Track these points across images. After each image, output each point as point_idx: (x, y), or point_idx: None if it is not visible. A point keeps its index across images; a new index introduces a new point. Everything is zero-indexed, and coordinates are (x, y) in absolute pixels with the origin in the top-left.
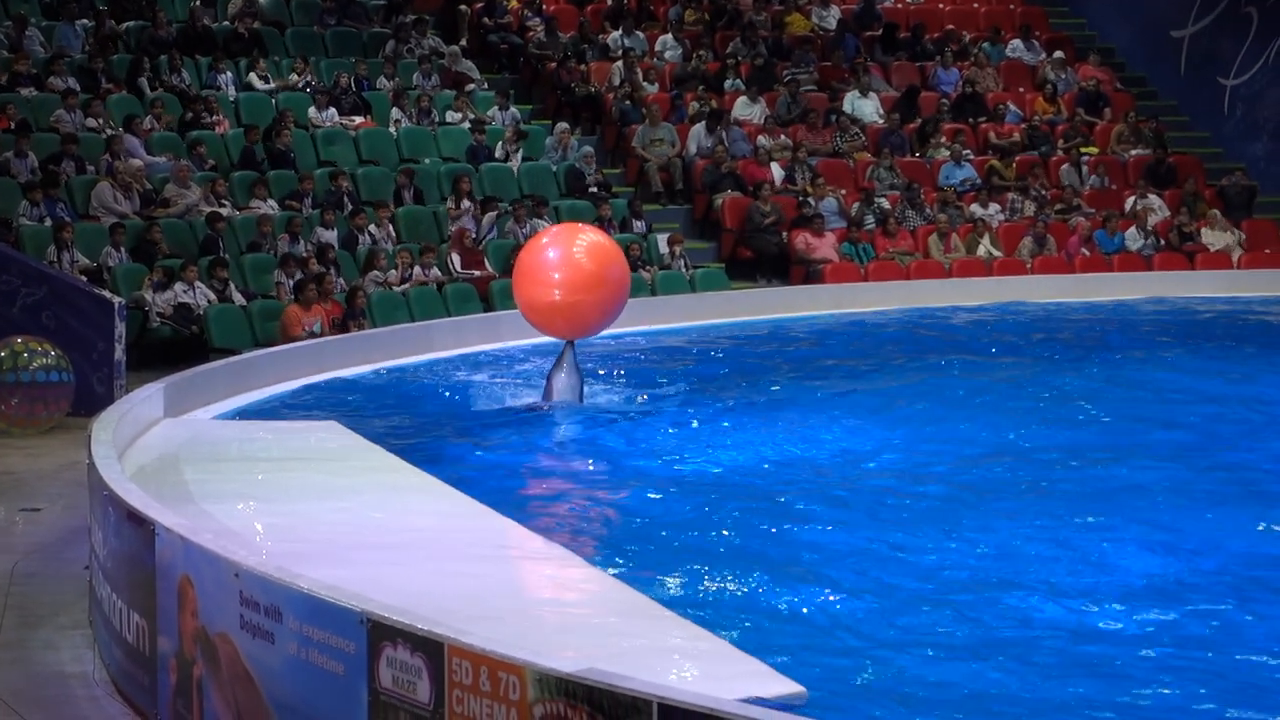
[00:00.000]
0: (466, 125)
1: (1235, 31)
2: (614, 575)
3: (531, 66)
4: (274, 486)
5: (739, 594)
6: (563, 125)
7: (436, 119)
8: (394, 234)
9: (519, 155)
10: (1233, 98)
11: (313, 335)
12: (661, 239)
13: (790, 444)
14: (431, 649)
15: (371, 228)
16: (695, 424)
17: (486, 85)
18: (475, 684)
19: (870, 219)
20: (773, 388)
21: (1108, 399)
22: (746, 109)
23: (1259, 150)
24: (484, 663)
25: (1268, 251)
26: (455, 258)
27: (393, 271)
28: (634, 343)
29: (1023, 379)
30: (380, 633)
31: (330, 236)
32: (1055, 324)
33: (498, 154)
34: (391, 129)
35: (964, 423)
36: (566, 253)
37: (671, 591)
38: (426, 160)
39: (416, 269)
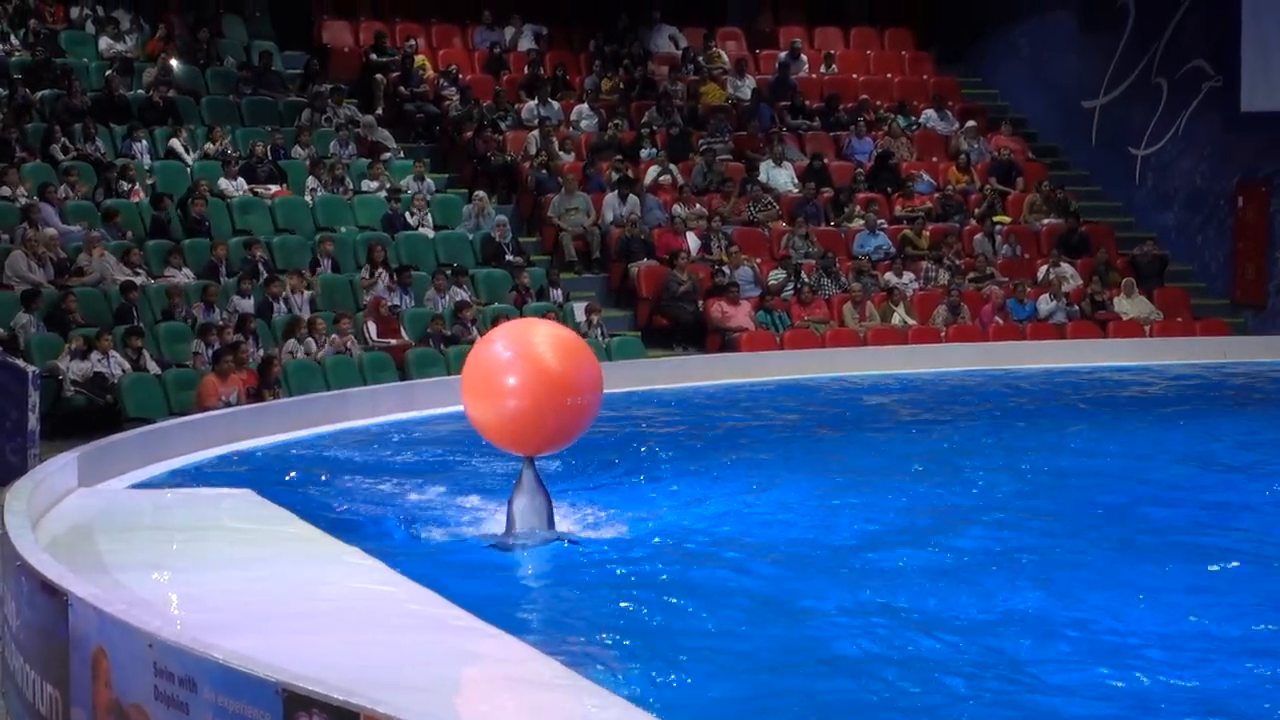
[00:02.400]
0: (383, 194)
1: (1146, 102)
2: (533, 644)
3: (448, 135)
4: (189, 556)
5: (655, 663)
6: (479, 194)
7: (352, 187)
8: (310, 302)
9: (431, 222)
10: (1144, 168)
11: (228, 405)
12: (578, 307)
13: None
14: (347, 719)
15: (287, 296)
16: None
17: (403, 154)
18: None
19: (786, 288)
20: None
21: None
22: (662, 178)
23: (1170, 220)
24: None
25: (1179, 320)
26: (371, 326)
27: (309, 340)
28: None
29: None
30: (295, 703)
31: (246, 305)
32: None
33: (413, 222)
34: (307, 197)
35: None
36: (539, 350)
37: (591, 662)
38: (342, 228)
39: (333, 337)
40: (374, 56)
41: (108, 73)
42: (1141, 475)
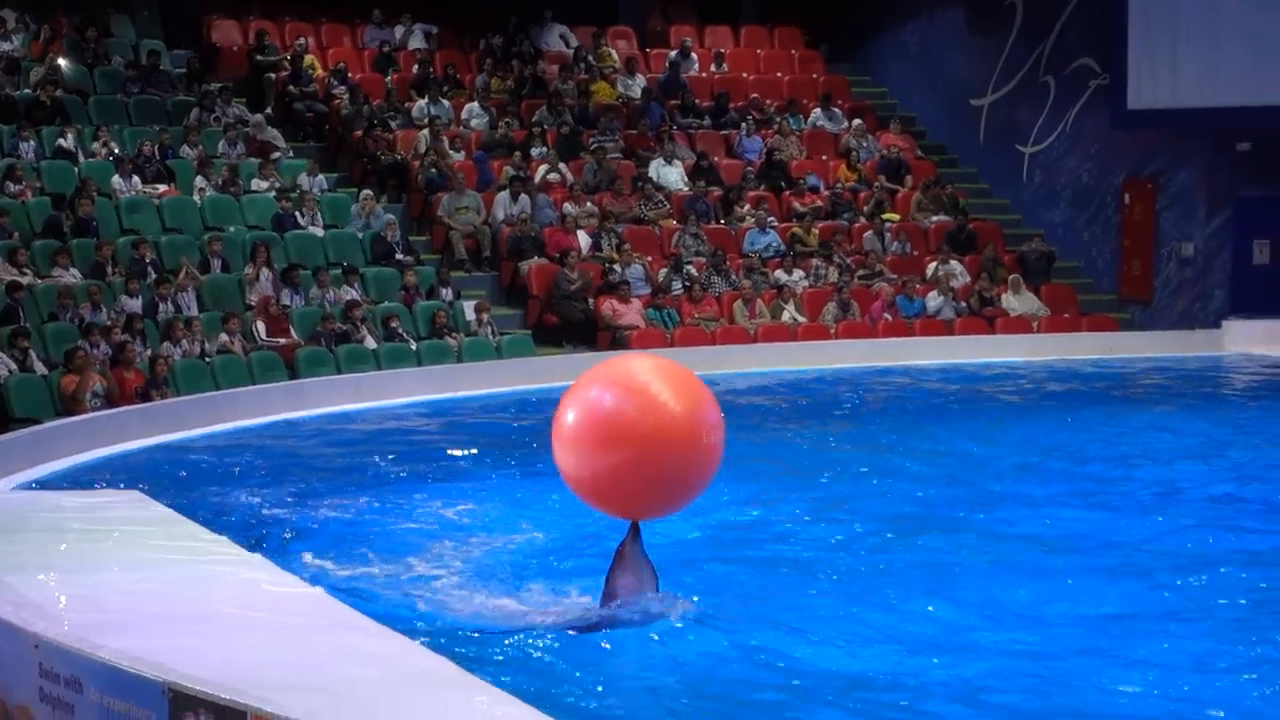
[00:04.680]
0: (272, 193)
1: (1033, 100)
2: (424, 644)
3: (337, 134)
4: (76, 557)
5: (550, 659)
6: (366, 192)
7: (241, 187)
8: (198, 301)
9: (321, 221)
10: (1031, 165)
11: (96, 396)
12: (468, 306)
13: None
14: (234, 719)
15: (175, 295)
16: (506, 493)
17: (292, 153)
18: None
19: (676, 285)
20: None
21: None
22: (552, 176)
23: (1057, 216)
24: None
25: (1066, 316)
26: (260, 325)
27: (185, 341)
28: (446, 409)
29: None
30: (182, 703)
31: (134, 305)
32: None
33: (303, 221)
34: (196, 197)
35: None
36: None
37: (483, 659)
38: (231, 228)
39: (221, 337)
40: (262, 56)
41: None
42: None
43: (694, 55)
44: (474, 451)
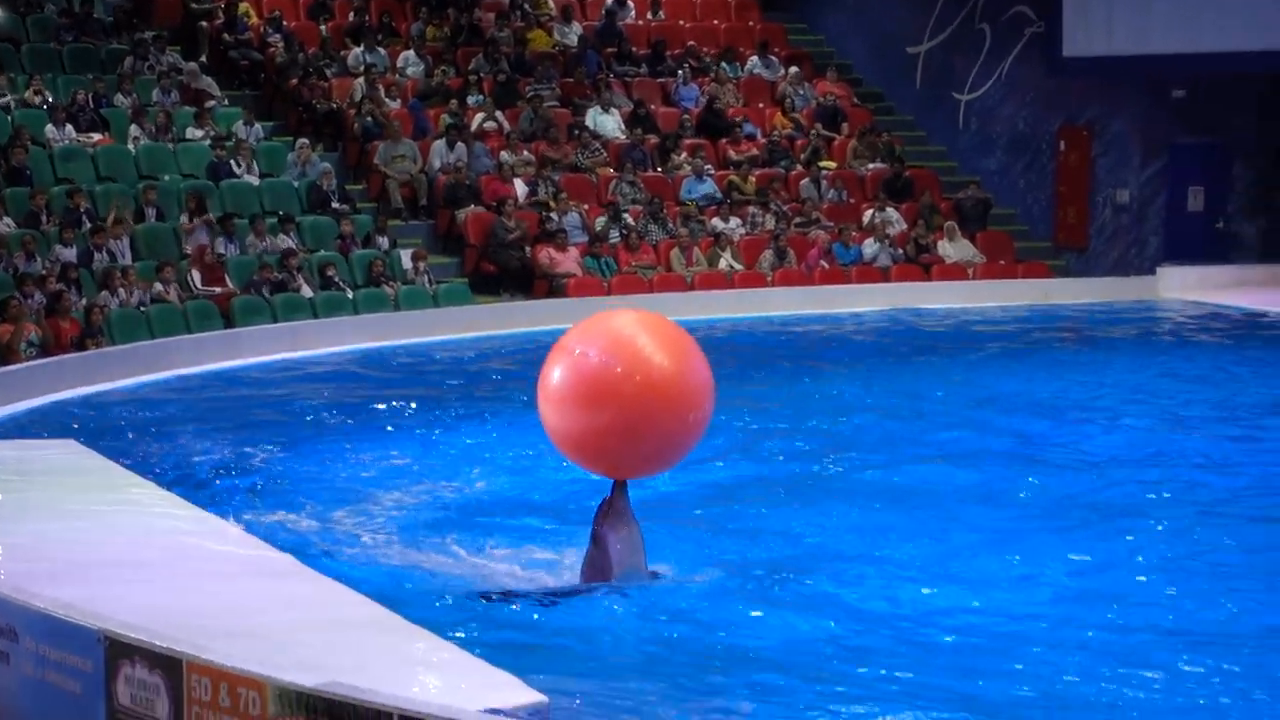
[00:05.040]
0: (207, 142)
1: (969, 48)
2: (358, 589)
3: (272, 83)
4: (12, 506)
5: (483, 606)
6: (302, 141)
7: (176, 135)
8: (133, 250)
9: (256, 170)
10: (967, 113)
11: (31, 345)
12: (405, 254)
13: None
14: (170, 666)
15: (110, 245)
16: (441, 441)
17: (227, 102)
18: (215, 700)
19: (613, 233)
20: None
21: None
22: (489, 124)
23: (993, 164)
24: (224, 679)
25: (1002, 263)
26: (196, 274)
27: (123, 291)
28: (382, 357)
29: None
30: (118, 651)
31: (69, 254)
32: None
33: (238, 170)
34: (130, 146)
35: None
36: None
37: (417, 605)
38: (166, 177)
39: (156, 286)
40: (196, 3)
41: None
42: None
43: (630, 3)
44: (412, 402)
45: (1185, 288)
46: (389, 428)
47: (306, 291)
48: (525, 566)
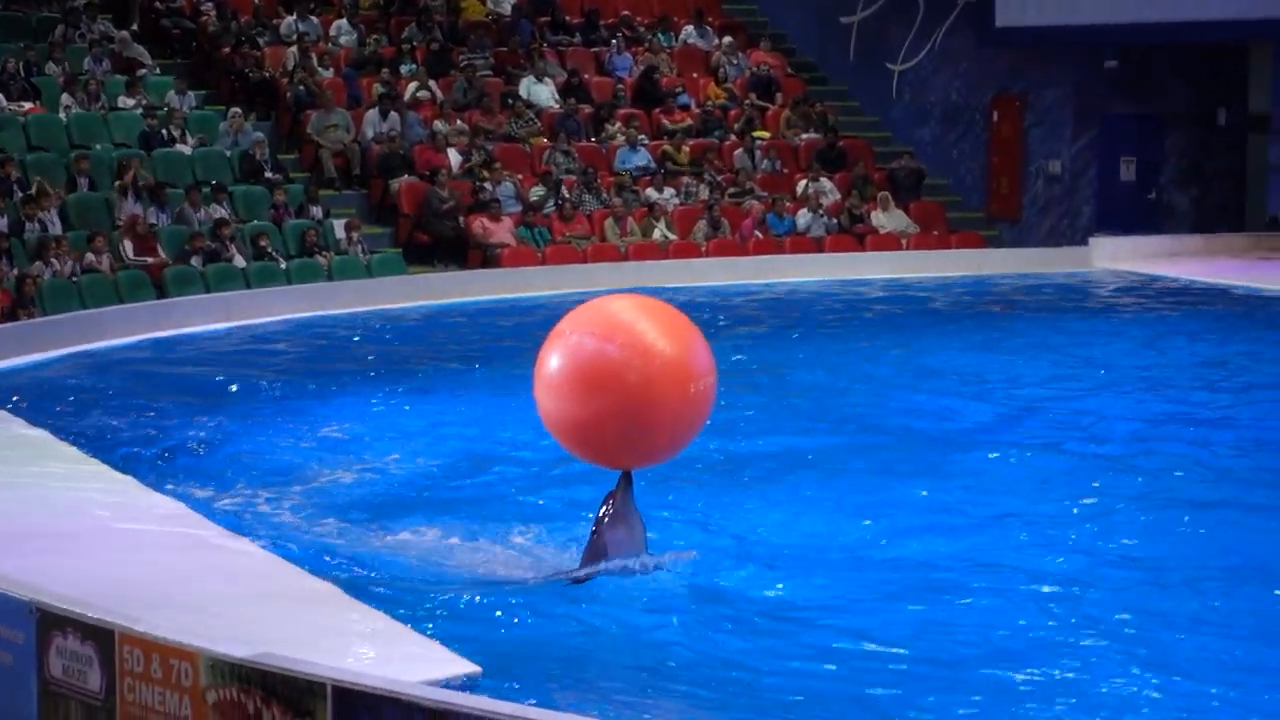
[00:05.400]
0: (139, 111)
1: (902, 18)
2: (292, 561)
3: (205, 51)
4: None
5: (416, 577)
6: (235, 110)
7: (108, 104)
8: (64, 220)
9: (189, 139)
10: (900, 83)
11: None
12: (338, 224)
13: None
14: (102, 638)
15: (40, 215)
16: (379, 413)
17: (159, 70)
18: (147, 671)
19: (547, 203)
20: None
21: None
22: (422, 94)
23: (926, 135)
24: (156, 650)
25: (935, 233)
26: (128, 244)
27: (55, 261)
28: (316, 327)
29: None
30: (50, 622)
31: (0, 224)
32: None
33: (170, 139)
34: (62, 115)
35: None
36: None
37: (351, 576)
38: (98, 146)
39: (88, 256)
40: None
41: None
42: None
43: None
44: (347, 373)
45: (1117, 258)
46: (325, 399)
47: (239, 261)
48: (465, 538)
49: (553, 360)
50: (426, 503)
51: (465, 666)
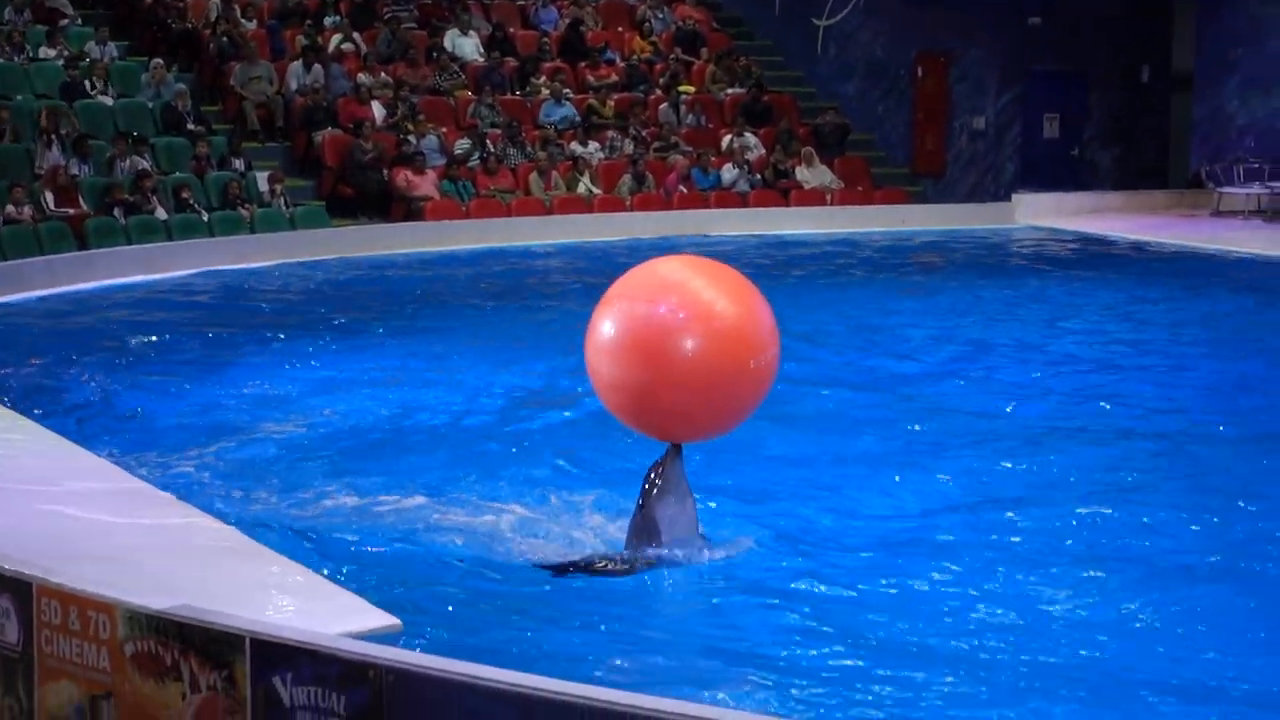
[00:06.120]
0: (60, 61)
1: None
2: (214, 515)
3: (127, 2)
4: None
5: (337, 530)
6: (157, 61)
7: (29, 55)
8: None
9: (111, 90)
10: (826, 38)
11: None
12: (261, 177)
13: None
14: (19, 590)
15: None
16: (301, 367)
17: (80, 21)
18: (64, 624)
19: (472, 157)
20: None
21: None
22: (345, 46)
23: (851, 90)
24: (73, 602)
25: (859, 189)
26: (49, 195)
27: None
28: (238, 280)
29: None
30: None
31: None
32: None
33: (92, 90)
34: None
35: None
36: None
37: (274, 530)
38: (19, 97)
39: (9, 207)
40: None
41: None
42: None
43: None
44: (271, 326)
45: (1040, 214)
46: (248, 354)
47: (161, 213)
48: (391, 494)
49: (605, 326)
50: (351, 458)
51: (385, 620)
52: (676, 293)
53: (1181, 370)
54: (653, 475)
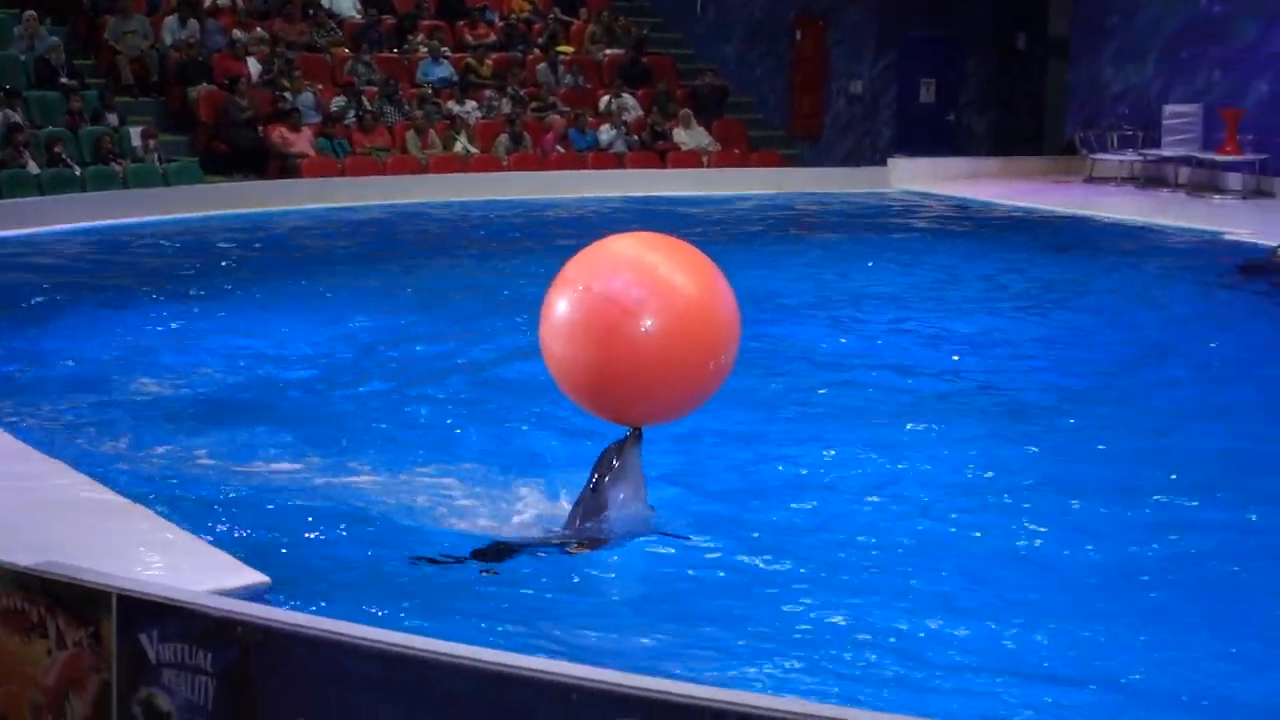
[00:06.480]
0: None
1: None
2: (84, 472)
3: None
4: None
5: (208, 489)
6: (30, 14)
7: None
8: None
9: None
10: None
11: None
12: (135, 132)
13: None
14: None
15: None
16: (174, 324)
17: None
18: None
19: (348, 114)
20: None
21: None
22: (222, 0)
23: (729, 52)
24: None
25: (736, 151)
26: None
27: None
28: (111, 236)
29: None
30: None
31: None
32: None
33: None
34: None
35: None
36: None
37: (144, 488)
38: None
39: None
40: None
41: None
42: None
43: None
44: (146, 283)
45: (915, 179)
46: (121, 310)
47: (33, 168)
48: (264, 451)
49: (561, 306)
50: (225, 415)
51: (254, 577)
52: (634, 270)
53: (1054, 334)
54: (612, 458)
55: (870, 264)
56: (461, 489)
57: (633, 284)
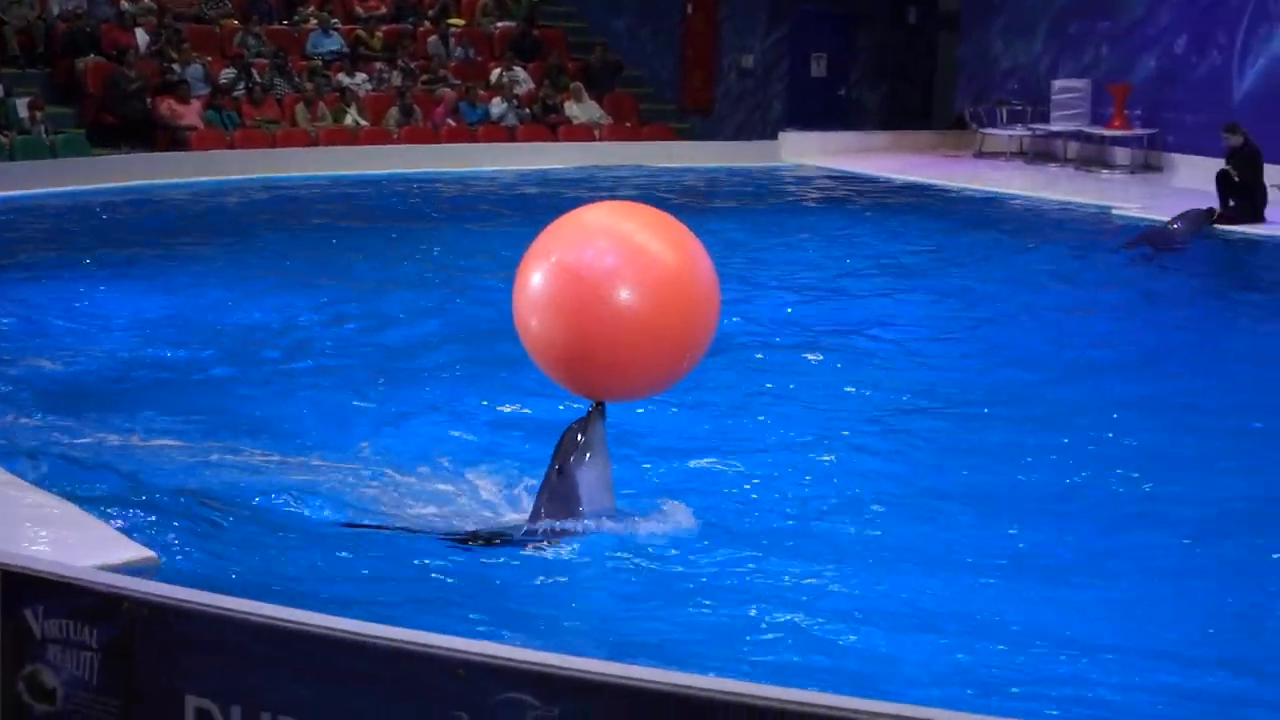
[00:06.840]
0: None
1: None
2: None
3: None
4: None
5: (98, 464)
6: None
7: None
8: None
9: None
10: None
11: None
12: (21, 103)
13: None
14: None
15: None
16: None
17: None
18: None
19: (237, 86)
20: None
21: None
22: None
23: (621, 25)
24: None
25: (628, 125)
26: None
27: None
28: None
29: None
30: None
31: None
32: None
33: None
34: None
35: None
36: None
37: (33, 463)
38: None
39: None
40: None
41: None
42: None
43: None
44: (34, 256)
45: (806, 152)
46: (8, 284)
47: None
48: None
49: (535, 278)
50: (117, 391)
51: (141, 553)
52: (609, 239)
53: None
54: (576, 435)
55: (759, 237)
56: (365, 470)
57: (607, 252)
